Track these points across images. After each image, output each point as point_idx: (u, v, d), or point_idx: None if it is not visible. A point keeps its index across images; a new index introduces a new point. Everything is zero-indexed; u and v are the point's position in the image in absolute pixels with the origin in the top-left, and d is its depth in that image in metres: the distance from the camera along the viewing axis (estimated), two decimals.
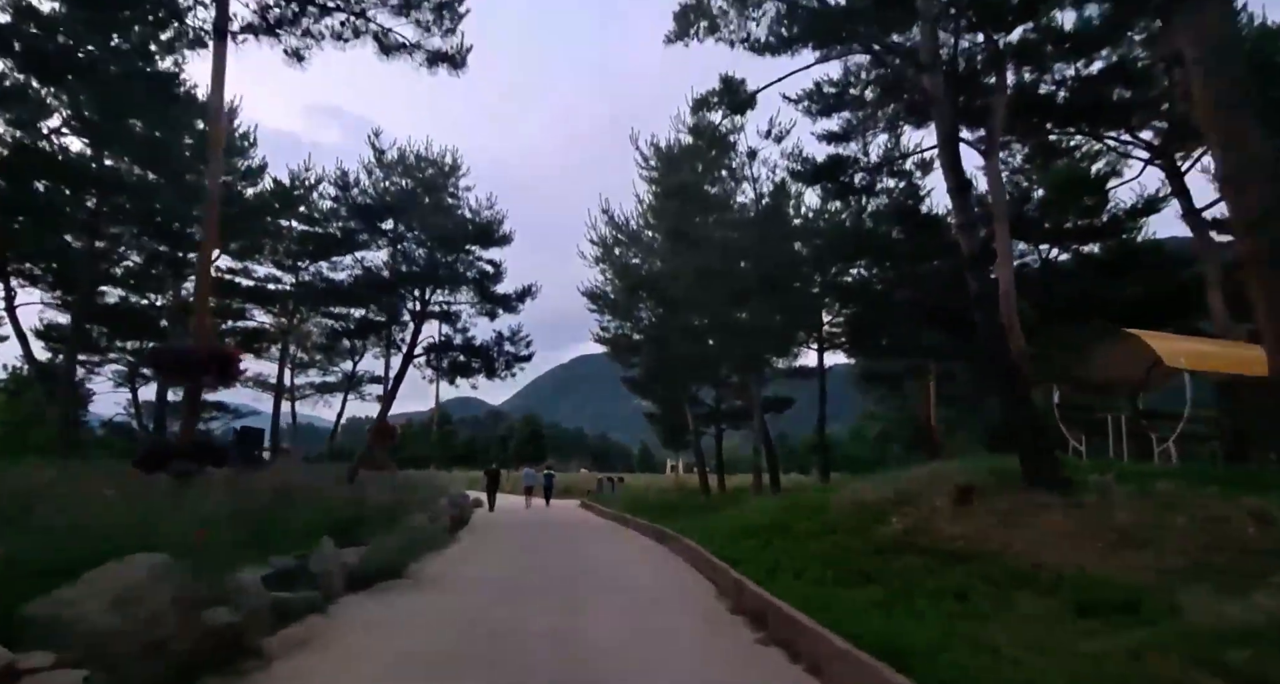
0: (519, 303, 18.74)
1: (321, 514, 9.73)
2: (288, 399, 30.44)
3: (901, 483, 10.18)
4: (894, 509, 9.05)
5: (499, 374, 18.50)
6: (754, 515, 12.29)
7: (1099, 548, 6.21)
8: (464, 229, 17.23)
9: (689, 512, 16.92)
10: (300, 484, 11.39)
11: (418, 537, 11.81)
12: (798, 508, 11.34)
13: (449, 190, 17.94)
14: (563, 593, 8.01)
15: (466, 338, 18.20)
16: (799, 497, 13.18)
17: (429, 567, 10.12)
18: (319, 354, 28.43)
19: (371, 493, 13.24)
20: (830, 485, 16.25)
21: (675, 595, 7.96)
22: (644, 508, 19.46)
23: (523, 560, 11.08)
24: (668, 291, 19.37)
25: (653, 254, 22.52)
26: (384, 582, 8.70)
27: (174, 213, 15.74)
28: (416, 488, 19.11)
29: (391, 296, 17.87)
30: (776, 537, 9.80)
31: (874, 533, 8.45)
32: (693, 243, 17.59)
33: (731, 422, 29.01)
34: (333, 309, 21.05)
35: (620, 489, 31.32)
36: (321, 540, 8.06)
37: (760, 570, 7.77)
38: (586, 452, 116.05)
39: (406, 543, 10.35)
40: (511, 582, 8.92)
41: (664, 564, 10.68)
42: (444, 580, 9.04)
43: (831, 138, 14.93)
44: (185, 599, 4.86)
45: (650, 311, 23.07)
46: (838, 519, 9.67)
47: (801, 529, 9.72)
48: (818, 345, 24.60)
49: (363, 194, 17.22)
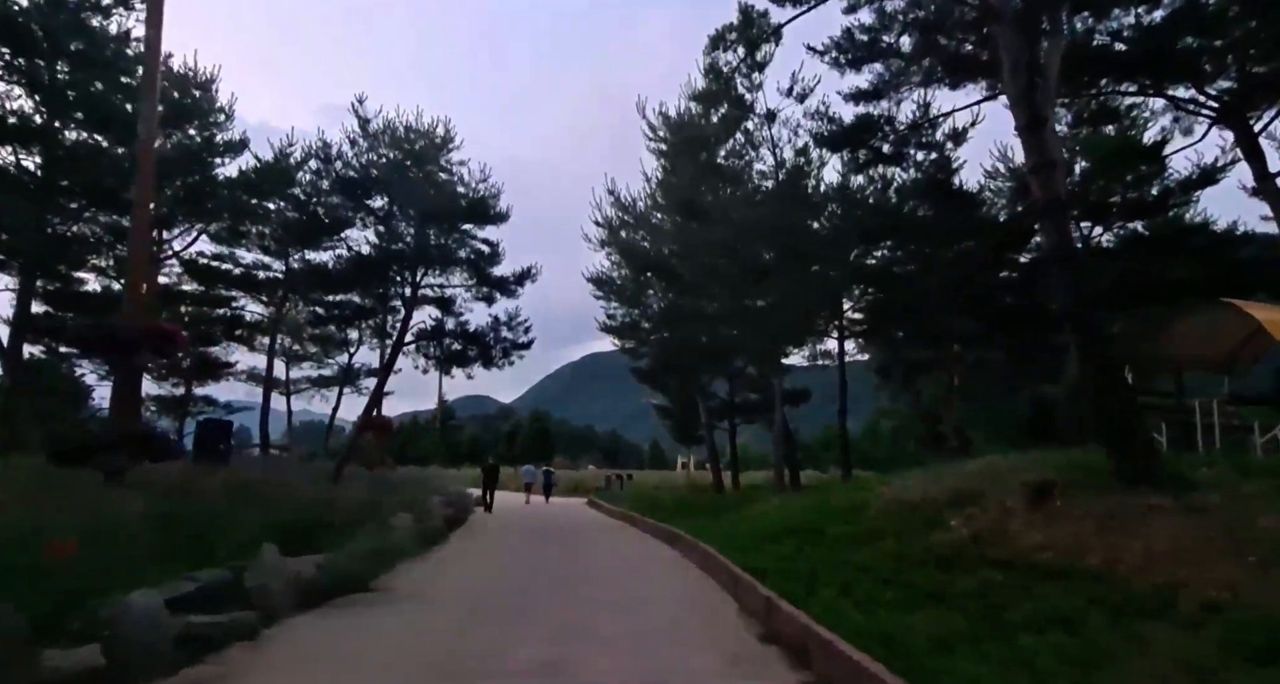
0: (518, 286, 17.35)
1: (282, 516, 8.40)
2: (282, 394, 29.33)
3: (951, 479, 8.73)
4: (950, 510, 7.60)
5: (497, 363, 17.13)
6: (778, 516, 10.87)
7: (1249, 565, 4.73)
8: (456, 204, 15.85)
9: (703, 511, 15.52)
10: (264, 481, 10.08)
11: (397, 540, 10.49)
12: (829, 508, 9.91)
13: (441, 164, 16.56)
14: (556, 612, 6.63)
15: (460, 323, 16.86)
16: (827, 495, 11.73)
17: (406, 575, 8.78)
18: (314, 346, 27.18)
19: (353, 492, 11.92)
20: (859, 482, 14.82)
21: (691, 616, 6.55)
22: (654, 506, 18.07)
23: (515, 567, 9.72)
24: (678, 273, 17.94)
25: (662, 236, 21.07)
26: (345, 596, 7.36)
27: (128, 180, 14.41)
28: (408, 486, 17.83)
29: (380, 279, 16.51)
30: (808, 542, 8.38)
31: (930, 539, 7.01)
32: (705, 217, 16.14)
33: (746, 416, 27.55)
34: (323, 297, 19.69)
35: (629, 487, 29.91)
36: (263, 548, 6.72)
37: (795, 585, 6.35)
38: (597, 449, 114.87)
39: (379, 548, 9.02)
40: (497, 596, 7.54)
41: (676, 573, 9.27)
42: (418, 594, 7.69)
43: (860, 97, 13.41)
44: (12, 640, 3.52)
45: (660, 296, 21.63)
46: (881, 522, 8.23)
47: (838, 533, 8.29)
48: (838, 333, 23.09)
49: (346, 166, 15.90)
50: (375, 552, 8.78)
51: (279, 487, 9.86)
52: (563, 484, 38.98)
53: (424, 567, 9.63)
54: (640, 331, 24.23)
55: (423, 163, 16.26)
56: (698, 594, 7.67)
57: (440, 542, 13.11)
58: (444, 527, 15.00)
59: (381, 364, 17.60)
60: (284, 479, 11.35)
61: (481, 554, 11.37)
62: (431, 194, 15.84)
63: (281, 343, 28.16)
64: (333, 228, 18.84)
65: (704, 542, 10.30)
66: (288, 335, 25.68)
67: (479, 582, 8.50)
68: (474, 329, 16.92)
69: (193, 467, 10.59)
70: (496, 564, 10.10)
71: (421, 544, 11.76)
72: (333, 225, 18.50)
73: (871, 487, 10.60)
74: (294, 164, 17.52)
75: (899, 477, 11.89)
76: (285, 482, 10.60)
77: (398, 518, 11.72)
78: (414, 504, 13.93)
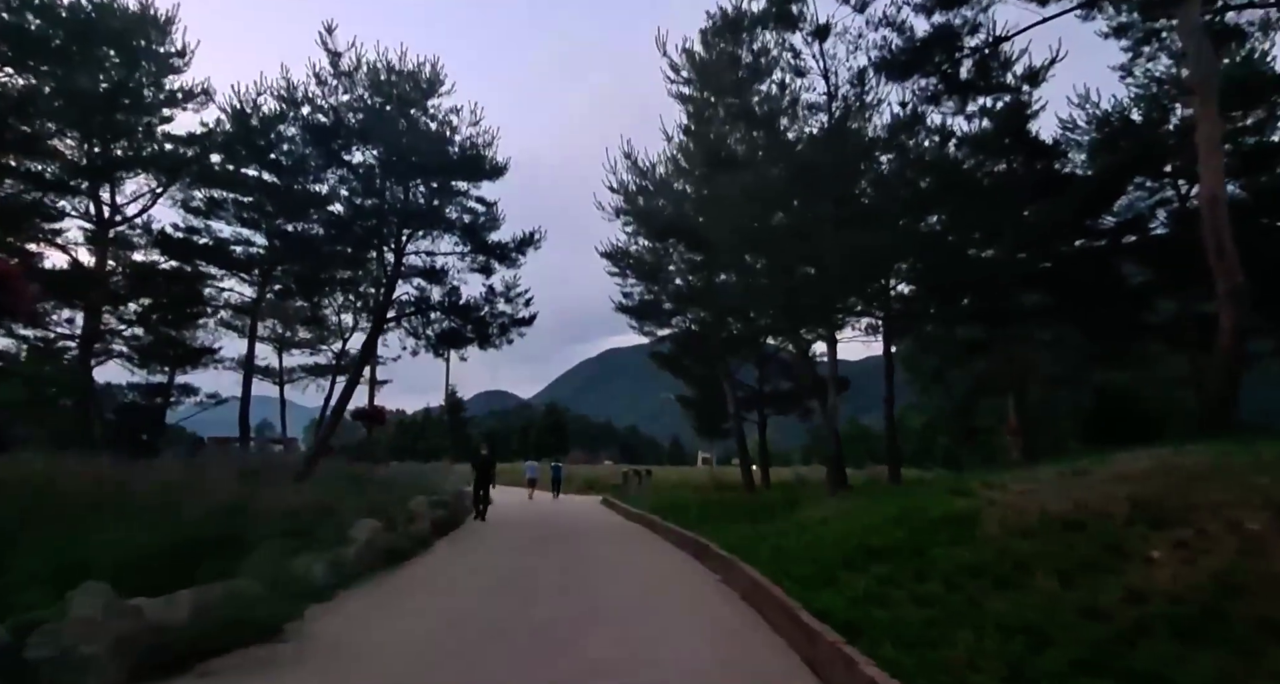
0: (519, 254, 14.87)
1: (158, 533, 6.03)
2: (274, 382, 27.28)
3: (1105, 483, 6.14)
4: (1134, 530, 5.02)
5: (494, 342, 14.71)
6: (843, 527, 8.32)
7: None
8: (445, 156, 13.45)
9: (735, 514, 12.99)
10: (177, 482, 7.76)
11: (349, 558, 8.14)
12: (917, 517, 7.34)
13: (427, 110, 14.15)
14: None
15: (449, 294, 14.40)
16: (903, 499, 9.13)
17: (341, 612, 6.38)
18: (306, 330, 25.07)
19: (300, 495, 9.58)
20: (934, 482, 12.29)
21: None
22: (677, 508, 15.57)
23: (496, 597, 7.28)
24: (704, 237, 15.39)
25: (685, 203, 18.47)
26: (230, 655, 4.98)
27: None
28: (397, 483, 15.54)
29: (358, 244, 14.14)
30: (905, 571, 5.84)
31: (1126, 579, 4.43)
32: (737, 167, 13.57)
33: (778, 407, 24.94)
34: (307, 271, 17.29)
35: (648, 484, 27.42)
36: (82, 588, 4.34)
37: (919, 658, 3.85)
38: (615, 444, 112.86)
39: (301, 575, 6.66)
40: (453, 656, 5.10)
41: (714, 612, 6.76)
42: (339, 650, 5.26)
43: (935, 6, 10.74)
44: None
45: (682, 268, 19.08)
46: (1012, 542, 5.66)
47: (949, 559, 5.73)
48: (884, 311, 20.39)
49: (315, 110, 13.56)
50: (300, 578, 6.41)
51: (189, 489, 7.51)
52: (577, 480, 36.66)
53: (375, 596, 7.23)
54: (661, 312, 21.70)
55: (405, 108, 13.84)
56: (753, 656, 5.15)
57: (419, 552, 10.75)
58: (430, 532, 12.66)
59: (365, 344, 15.27)
60: (216, 477, 9.05)
61: (461, 574, 8.95)
62: (416, 143, 13.43)
63: (272, 328, 26.15)
64: (321, 200, 16.46)
65: (747, 562, 7.80)
66: (273, 317, 23.54)
67: (438, 623, 6.07)
68: (465, 301, 14.50)
69: (105, 460, 8.34)
70: (473, 591, 7.68)
71: (388, 559, 9.41)
72: (322, 197, 16.06)
73: (967, 489, 8.01)
74: (265, 118, 15.03)
75: (992, 475, 9.30)
76: (209, 481, 8.26)
77: (359, 527, 9.38)
78: (388, 507, 11.60)
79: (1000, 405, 42.51)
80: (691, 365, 24.97)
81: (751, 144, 13.98)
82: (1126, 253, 18.79)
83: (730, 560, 8.33)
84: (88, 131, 13.89)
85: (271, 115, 13.23)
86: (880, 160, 15.30)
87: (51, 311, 18.45)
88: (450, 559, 10.29)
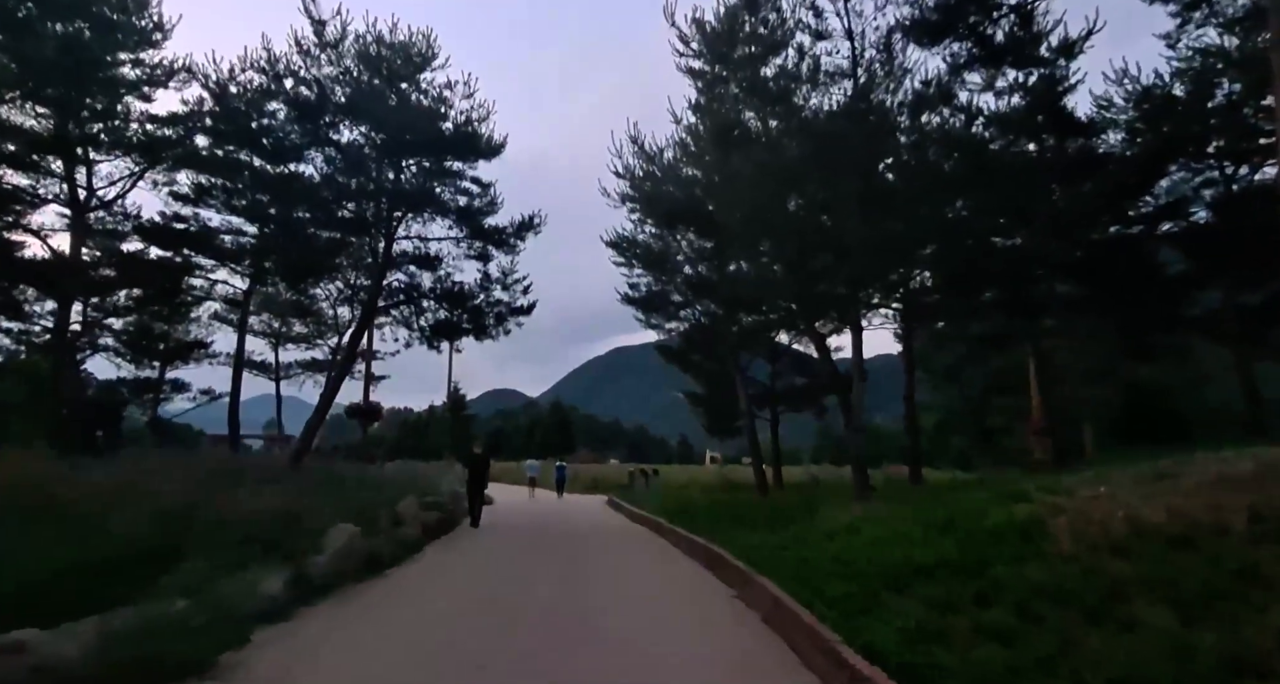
0: (517, 239, 13.93)
1: (80, 546, 5.12)
2: (270, 378, 26.51)
3: (1198, 487, 5.14)
4: (1258, 549, 4.01)
5: (491, 332, 13.75)
6: (876, 535, 7.31)
7: None
8: (437, 133, 12.52)
9: (750, 519, 11.97)
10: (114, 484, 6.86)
11: (312, 570, 7.21)
12: (964, 525, 6.35)
13: (419, 85, 13.22)
14: None
15: (440, 281, 13.43)
16: (948, 505, 8.12)
17: (296, 637, 5.45)
18: (300, 321, 24.24)
19: (276, 497, 8.65)
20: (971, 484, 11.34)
21: None
22: (686, 511, 14.60)
23: (480, 617, 6.34)
24: (714, 223, 14.42)
25: (693, 187, 17.46)
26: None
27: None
28: (388, 483, 14.65)
29: (344, 227, 13.22)
30: (962, 593, 4.84)
31: (1271, 611, 3.43)
32: (750, 146, 12.58)
33: (791, 404, 23.92)
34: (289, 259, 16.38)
35: (655, 484, 26.44)
36: None
37: None
38: (623, 443, 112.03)
39: (253, 592, 5.74)
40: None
41: (732, 642, 5.79)
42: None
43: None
44: None
45: (691, 255, 18.05)
46: (1098, 559, 4.66)
47: (1020, 581, 4.74)
48: (905, 302, 19.38)
49: (299, 83, 12.62)
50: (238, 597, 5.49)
51: (133, 492, 6.60)
52: (583, 479, 35.75)
53: (340, 616, 6.29)
54: (668, 304, 20.71)
55: (396, 82, 12.91)
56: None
57: (404, 560, 9.83)
58: (420, 536, 11.76)
59: (352, 335, 14.36)
60: (177, 478, 8.16)
61: (445, 588, 8.02)
62: (406, 120, 12.51)
63: (266, 322, 25.37)
64: (308, 183, 15.51)
65: (767, 575, 6.83)
66: (266, 311, 22.72)
67: (409, 654, 5.13)
68: (458, 288, 13.54)
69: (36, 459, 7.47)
70: (457, 608, 6.74)
71: (366, 568, 8.49)
72: (307, 182, 15.09)
73: (1022, 492, 7.00)
74: (243, 94, 14.05)
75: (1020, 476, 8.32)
76: (161, 482, 7.35)
77: (334, 533, 8.46)
78: (373, 509, 10.69)
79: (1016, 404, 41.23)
80: (701, 361, 23.99)
81: (766, 119, 12.97)
82: (1165, 240, 17.64)
83: (747, 573, 7.36)
84: (54, 105, 13.03)
85: (252, 90, 12.31)
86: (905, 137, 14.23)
87: (33, 302, 17.69)
88: (437, 569, 9.36)
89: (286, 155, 12.99)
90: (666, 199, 15.62)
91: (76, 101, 13.10)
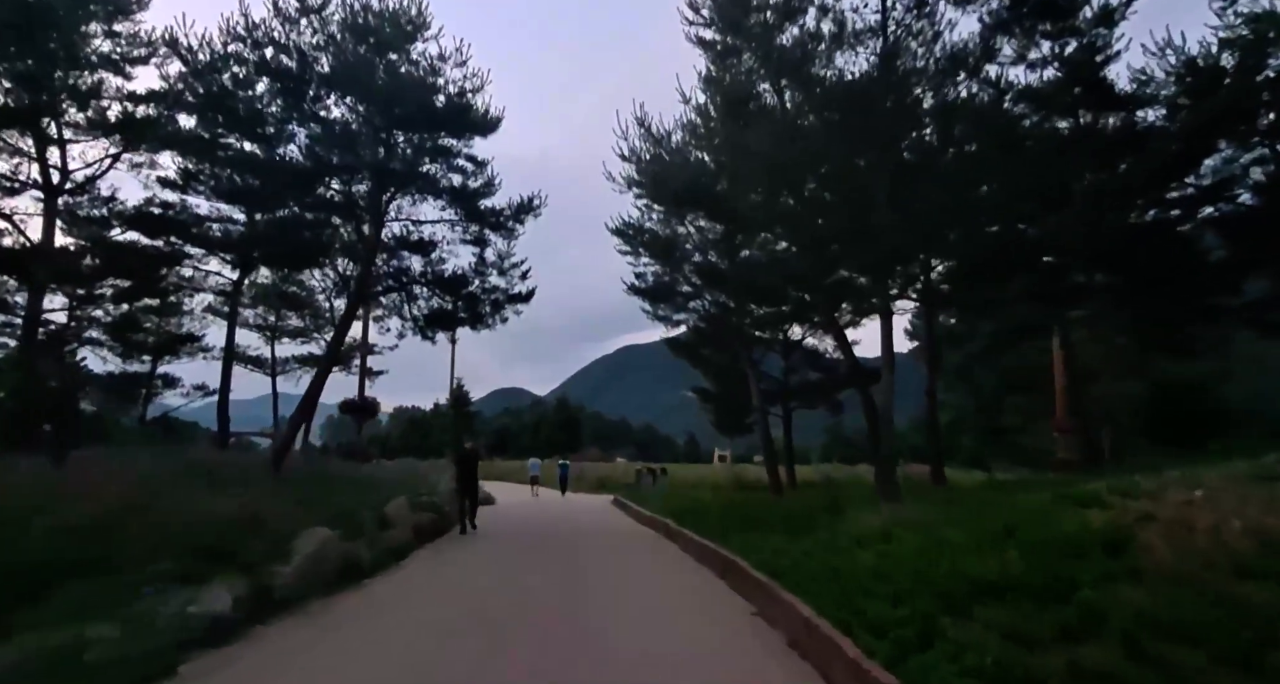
0: (516, 222, 13.04)
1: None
2: (266, 373, 25.74)
3: None
4: None
5: (487, 320, 12.86)
6: (915, 544, 6.35)
7: None
8: (429, 106, 11.64)
9: (765, 521, 10.98)
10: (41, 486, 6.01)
11: (275, 582, 6.36)
12: (1030, 536, 5.39)
13: (409, 56, 12.34)
14: None
15: (431, 265, 12.50)
16: (1001, 508, 7.16)
17: (238, 668, 4.57)
18: (295, 314, 23.43)
19: (237, 500, 7.79)
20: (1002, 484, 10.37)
21: None
22: (696, 512, 13.66)
23: (461, 640, 5.44)
24: (727, 204, 13.46)
25: (704, 170, 16.49)
26: None
27: None
28: (376, 484, 13.80)
29: (329, 208, 12.34)
30: (1044, 620, 3.90)
31: None
32: (765, 120, 11.63)
33: (805, 400, 22.94)
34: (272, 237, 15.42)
35: (663, 483, 25.51)
36: None
37: None
38: (630, 441, 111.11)
39: (195, 611, 4.89)
40: None
41: (755, 677, 4.87)
42: None
43: None
44: None
45: (701, 241, 17.08)
46: (1218, 580, 3.71)
47: (1120, 606, 3.79)
48: (924, 292, 18.34)
49: (279, 51, 11.75)
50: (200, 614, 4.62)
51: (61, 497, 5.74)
52: (589, 478, 34.85)
53: (298, 637, 5.40)
54: (676, 295, 19.75)
55: (384, 52, 12.03)
56: None
57: (388, 566, 8.97)
58: (411, 539, 10.91)
59: (340, 325, 13.51)
60: (125, 480, 7.31)
61: (428, 602, 7.13)
62: (395, 93, 11.63)
63: (262, 316, 24.61)
64: (311, 174, 14.49)
65: (792, 591, 5.90)
66: (260, 303, 21.94)
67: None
68: (451, 273, 12.65)
69: None
70: (436, 629, 5.84)
71: (341, 578, 7.62)
72: (312, 172, 14.01)
73: (1087, 493, 6.04)
74: (218, 64, 13.01)
75: (1128, 474, 7.36)
76: (99, 484, 6.49)
77: (305, 538, 7.59)
78: (358, 511, 9.83)
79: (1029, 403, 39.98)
80: (711, 355, 23.04)
81: (783, 90, 12.01)
82: (1208, 224, 16.55)
83: (769, 587, 6.43)
84: (20, 78, 12.19)
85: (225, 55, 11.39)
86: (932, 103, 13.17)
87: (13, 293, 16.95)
88: (422, 578, 8.47)
89: (264, 128, 12.08)
90: (676, 177, 14.65)
91: (45, 73, 12.28)
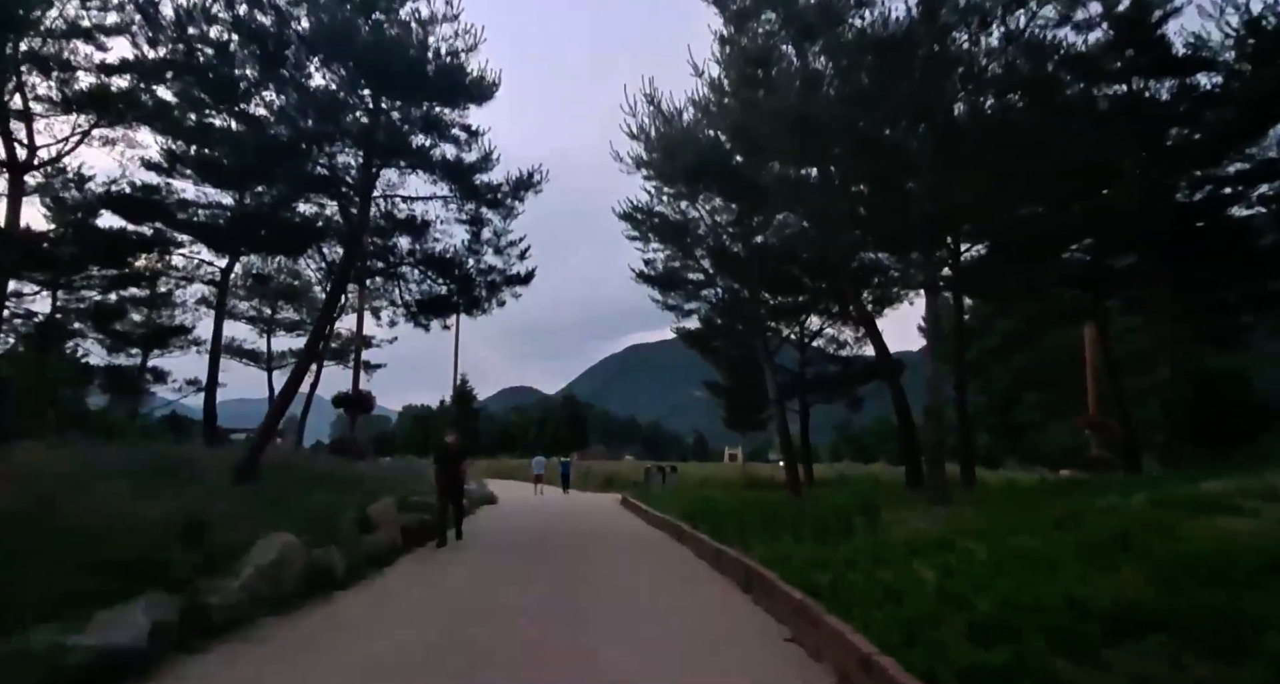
0: (515, 199, 12.00)
1: None
2: (262, 367, 24.84)
3: None
4: None
5: (483, 305, 11.81)
6: (989, 555, 5.23)
7: None
8: (417, 68, 10.61)
9: (788, 524, 9.80)
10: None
11: (221, 600, 5.32)
12: (1155, 549, 4.26)
13: (396, 16, 11.32)
14: None
15: (419, 242, 11.44)
16: (1050, 511, 6.02)
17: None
18: (289, 305, 22.50)
19: (158, 504, 6.76)
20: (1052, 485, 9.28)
21: None
22: (710, 513, 12.51)
23: (431, 672, 4.37)
24: (744, 179, 12.38)
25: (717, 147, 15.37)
26: None
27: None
28: (365, 483, 12.80)
29: (312, 183, 11.33)
30: (1238, 681, 2.77)
31: None
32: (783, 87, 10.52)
33: (823, 394, 21.81)
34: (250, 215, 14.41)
35: (673, 482, 24.40)
36: None
37: None
38: (638, 440, 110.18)
39: (90, 644, 3.83)
40: None
41: None
42: None
43: None
44: None
45: (711, 223, 15.95)
46: None
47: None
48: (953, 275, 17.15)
49: (254, 7, 10.73)
50: (97, 647, 3.57)
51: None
52: (597, 477, 33.82)
53: (216, 678, 4.35)
54: (687, 283, 18.67)
55: (367, 11, 11.00)
56: None
57: (367, 575, 7.92)
58: (398, 542, 9.87)
59: (325, 304, 12.49)
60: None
61: (403, 622, 6.07)
62: (380, 55, 10.59)
63: (257, 308, 23.71)
64: (302, 155, 13.45)
65: (837, 614, 4.77)
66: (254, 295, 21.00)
67: None
68: (441, 253, 11.59)
69: None
70: (402, 659, 4.77)
71: (305, 591, 6.57)
72: (300, 151, 12.98)
73: (1202, 496, 4.91)
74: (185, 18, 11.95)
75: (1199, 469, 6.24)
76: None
77: (263, 546, 6.54)
78: (331, 515, 8.79)
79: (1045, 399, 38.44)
80: (723, 346, 21.93)
81: (806, 52, 10.91)
82: (1262, 202, 15.32)
83: (807, 607, 5.30)
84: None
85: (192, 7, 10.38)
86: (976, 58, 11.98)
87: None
88: (401, 590, 7.41)
89: (241, 95, 11.07)
90: (688, 150, 13.53)
91: (3, 39, 11.33)
